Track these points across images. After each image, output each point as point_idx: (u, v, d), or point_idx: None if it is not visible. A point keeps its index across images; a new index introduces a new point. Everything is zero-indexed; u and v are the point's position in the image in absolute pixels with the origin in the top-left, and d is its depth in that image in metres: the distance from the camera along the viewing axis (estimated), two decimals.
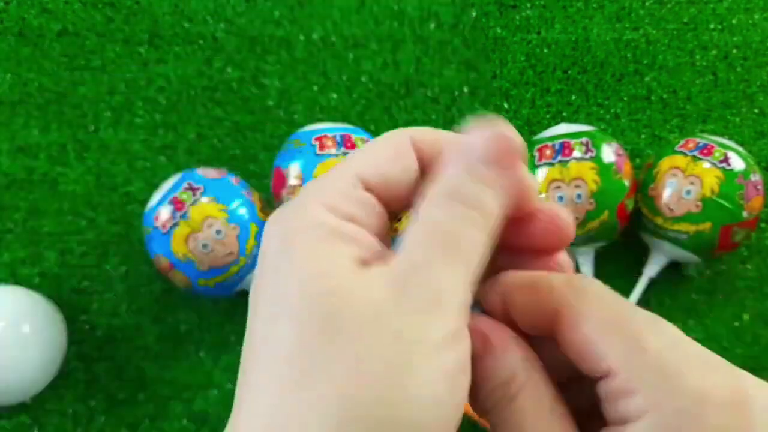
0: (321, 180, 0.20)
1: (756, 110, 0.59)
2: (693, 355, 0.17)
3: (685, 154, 0.49)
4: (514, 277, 0.20)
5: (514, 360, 0.19)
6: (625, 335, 0.17)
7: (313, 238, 0.18)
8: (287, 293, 0.17)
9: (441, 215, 0.18)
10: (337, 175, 0.19)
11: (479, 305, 0.22)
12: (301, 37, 0.60)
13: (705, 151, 0.48)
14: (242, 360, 0.18)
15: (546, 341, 0.20)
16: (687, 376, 0.16)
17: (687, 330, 0.21)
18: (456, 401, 0.17)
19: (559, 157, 0.47)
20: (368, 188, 0.19)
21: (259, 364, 0.17)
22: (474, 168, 0.18)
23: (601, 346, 0.17)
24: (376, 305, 0.16)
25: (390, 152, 0.20)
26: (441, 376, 0.16)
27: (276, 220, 0.19)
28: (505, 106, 0.59)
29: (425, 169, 0.20)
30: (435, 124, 0.58)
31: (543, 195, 0.48)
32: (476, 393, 0.19)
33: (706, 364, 0.17)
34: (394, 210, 0.20)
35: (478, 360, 0.19)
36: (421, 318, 0.16)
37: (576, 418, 0.19)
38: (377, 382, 0.16)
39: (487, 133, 0.19)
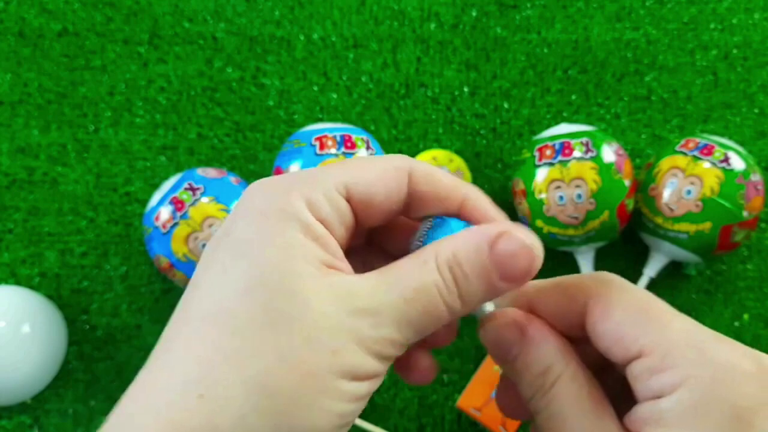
0: (314, 173, 0.20)
1: (756, 110, 0.59)
2: (714, 335, 0.18)
3: (686, 154, 0.49)
4: (536, 285, 0.22)
5: (551, 350, 0.20)
6: (653, 319, 0.19)
7: (287, 230, 0.19)
8: (243, 270, 0.18)
9: (425, 279, 0.19)
10: (328, 174, 0.20)
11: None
12: (302, 37, 0.60)
13: (705, 151, 0.48)
14: (178, 307, 0.19)
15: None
16: (715, 350, 0.18)
17: None
18: (349, 421, 0.19)
19: (560, 157, 0.47)
20: (350, 198, 0.20)
21: (194, 321, 0.18)
22: (485, 266, 0.19)
23: (632, 331, 0.19)
24: (321, 319, 0.18)
25: (385, 174, 0.21)
26: (347, 404, 0.18)
27: (257, 193, 0.20)
28: (506, 105, 0.59)
29: (411, 200, 0.21)
30: (435, 124, 0.58)
31: (543, 195, 0.48)
32: (519, 383, 0.21)
33: (728, 341, 0.18)
34: (365, 225, 0.21)
35: (517, 351, 0.21)
36: (352, 350, 0.18)
37: None
38: (294, 384, 0.17)
39: (521, 244, 0.19)
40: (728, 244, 0.48)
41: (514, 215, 0.53)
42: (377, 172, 0.20)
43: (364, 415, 0.49)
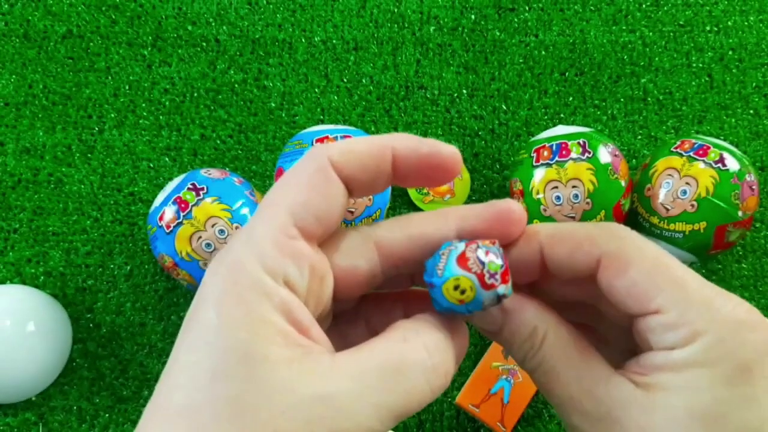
0: (256, 227, 0.19)
1: (751, 111, 0.59)
2: (721, 292, 0.20)
3: (681, 155, 0.49)
4: (548, 229, 0.22)
5: (532, 314, 0.21)
6: (669, 277, 0.19)
7: (251, 305, 0.18)
8: (208, 362, 0.17)
9: (407, 357, 0.18)
10: (270, 219, 0.19)
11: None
12: (303, 40, 0.61)
13: (700, 152, 0.49)
14: (155, 392, 0.18)
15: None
16: (724, 307, 0.19)
17: None
18: None
19: (557, 158, 0.48)
20: (301, 228, 0.19)
21: (165, 417, 0.17)
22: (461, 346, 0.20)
23: (649, 289, 0.19)
24: (288, 412, 0.17)
25: (315, 182, 0.19)
26: None
27: (214, 270, 0.19)
28: (504, 107, 0.60)
29: (350, 187, 0.20)
30: (434, 126, 0.59)
31: (540, 195, 0.48)
32: (510, 350, 0.22)
33: (733, 298, 0.19)
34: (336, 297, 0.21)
35: (501, 323, 0.22)
36: None
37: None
38: None
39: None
40: (723, 244, 0.49)
41: None
42: (307, 183, 0.19)
43: None
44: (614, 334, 0.23)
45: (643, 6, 0.63)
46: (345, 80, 0.60)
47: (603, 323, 0.24)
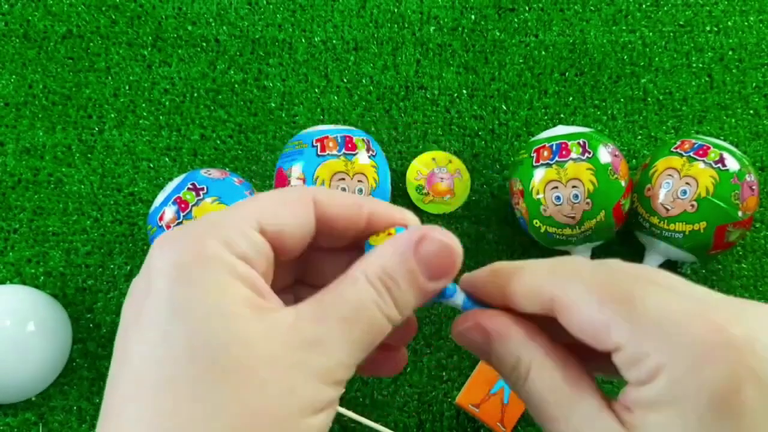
0: (220, 216, 0.20)
1: (751, 111, 0.60)
2: (685, 308, 0.18)
3: (681, 155, 0.49)
4: (508, 273, 0.21)
5: (516, 343, 0.21)
6: (622, 305, 0.18)
7: (212, 275, 0.18)
8: (182, 330, 0.17)
9: (361, 296, 0.19)
10: (237, 214, 0.20)
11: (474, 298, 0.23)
12: (303, 40, 0.61)
13: (700, 152, 0.49)
14: (109, 377, 0.18)
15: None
16: (686, 329, 0.17)
17: None
18: None
19: (557, 158, 0.48)
20: (263, 232, 0.20)
21: (141, 395, 0.17)
22: (412, 271, 0.20)
23: (602, 325, 0.19)
24: (271, 362, 0.17)
25: (291, 205, 0.21)
26: None
27: (168, 246, 0.19)
28: (504, 107, 0.60)
29: (321, 226, 0.21)
30: (434, 126, 0.59)
31: (541, 195, 0.48)
32: (502, 377, 0.21)
33: (697, 314, 0.18)
34: (283, 258, 0.21)
35: (487, 350, 0.21)
36: (308, 384, 0.18)
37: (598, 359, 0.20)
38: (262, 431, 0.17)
39: (441, 243, 0.20)
40: (723, 244, 0.49)
41: (512, 214, 0.54)
42: (284, 203, 0.21)
43: (363, 412, 0.50)
44: None
45: (643, 6, 0.63)
46: (345, 80, 0.60)
47: None
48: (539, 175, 0.48)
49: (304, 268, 0.24)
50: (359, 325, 0.19)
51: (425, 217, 0.55)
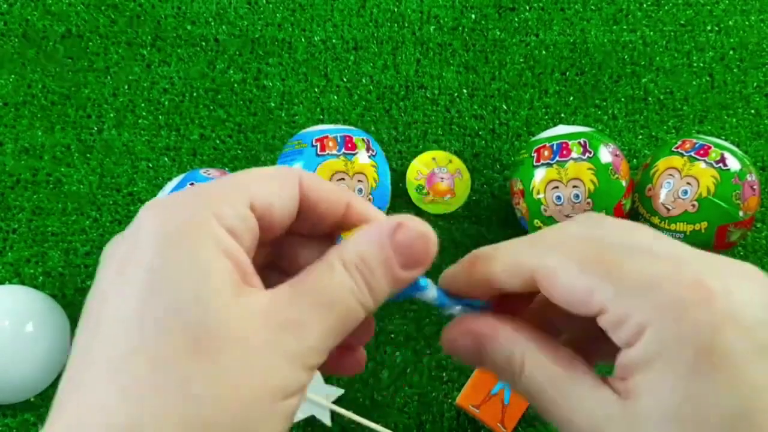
0: (215, 185, 0.20)
1: (752, 111, 0.59)
2: (662, 270, 0.18)
3: (682, 155, 0.49)
4: (489, 260, 0.22)
5: (506, 340, 0.21)
6: (601, 272, 0.19)
7: (197, 247, 0.18)
8: (160, 302, 0.17)
9: (337, 282, 0.19)
10: (230, 186, 0.20)
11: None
12: (303, 40, 0.61)
13: (701, 152, 0.49)
14: (77, 343, 0.18)
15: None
16: (665, 287, 0.18)
17: None
18: None
19: (557, 158, 0.48)
20: (252, 209, 0.20)
21: (111, 361, 0.17)
22: (388, 259, 0.20)
23: (585, 291, 0.19)
24: (246, 342, 0.18)
25: (280, 185, 0.21)
26: (285, 424, 0.18)
27: (158, 212, 0.19)
28: (504, 107, 0.60)
29: (302, 209, 0.22)
30: (434, 126, 0.59)
31: (541, 195, 0.48)
32: (497, 376, 0.22)
33: (674, 275, 0.18)
34: (265, 238, 0.21)
35: (479, 353, 0.21)
36: (281, 366, 0.18)
37: (593, 344, 0.21)
38: (234, 413, 0.17)
39: (418, 232, 0.20)
40: (724, 244, 0.49)
41: (513, 214, 0.54)
42: (273, 179, 0.21)
43: (364, 413, 0.50)
44: None
45: (644, 5, 0.63)
46: (345, 80, 0.60)
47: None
48: (540, 174, 0.48)
49: (278, 252, 0.24)
50: (335, 312, 0.19)
51: (426, 217, 0.55)
